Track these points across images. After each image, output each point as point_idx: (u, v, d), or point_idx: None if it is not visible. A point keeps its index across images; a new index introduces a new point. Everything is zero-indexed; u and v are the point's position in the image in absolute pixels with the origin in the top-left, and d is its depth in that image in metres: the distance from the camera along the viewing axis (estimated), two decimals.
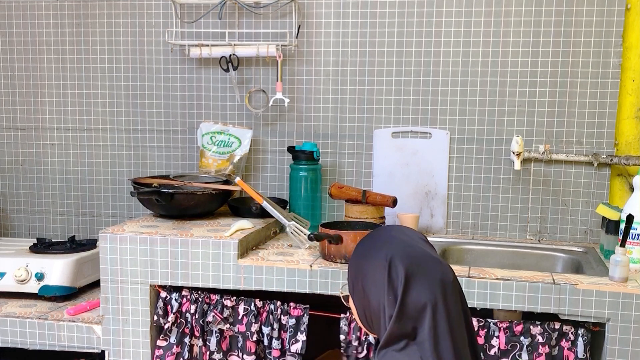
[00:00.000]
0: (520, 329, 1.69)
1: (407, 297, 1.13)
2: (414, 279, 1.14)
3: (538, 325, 1.69)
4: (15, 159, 2.66)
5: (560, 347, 1.70)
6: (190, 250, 1.87)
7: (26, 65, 2.59)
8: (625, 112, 2.11)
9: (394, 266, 1.15)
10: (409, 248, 1.20)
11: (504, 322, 1.71)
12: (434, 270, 1.16)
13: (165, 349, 1.90)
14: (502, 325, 1.70)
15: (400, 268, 1.14)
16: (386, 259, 1.16)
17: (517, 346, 1.69)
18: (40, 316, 2.02)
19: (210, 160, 2.41)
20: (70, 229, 2.63)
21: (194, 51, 2.37)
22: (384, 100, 2.32)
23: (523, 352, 1.68)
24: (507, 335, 1.70)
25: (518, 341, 1.69)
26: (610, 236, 1.98)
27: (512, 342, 1.70)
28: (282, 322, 1.82)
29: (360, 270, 1.22)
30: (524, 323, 1.70)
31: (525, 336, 1.69)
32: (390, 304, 1.14)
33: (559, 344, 1.70)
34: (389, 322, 1.14)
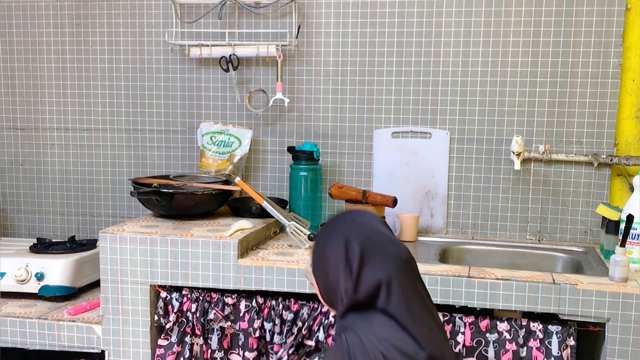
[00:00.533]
0: (486, 324, 1.69)
1: (362, 273, 1.23)
2: (368, 257, 1.24)
3: (505, 321, 1.69)
4: (15, 159, 2.66)
5: (528, 347, 1.70)
6: (190, 250, 1.87)
7: (26, 65, 2.59)
8: (625, 112, 2.11)
9: (351, 245, 1.25)
10: (366, 229, 1.30)
11: (469, 317, 1.71)
12: (389, 250, 1.27)
13: (166, 348, 1.90)
14: (467, 321, 1.70)
15: (356, 247, 1.24)
16: (344, 239, 1.27)
17: (482, 342, 1.69)
18: (40, 316, 2.02)
19: (210, 160, 2.41)
20: (70, 229, 2.63)
21: (194, 51, 2.37)
22: (384, 100, 2.32)
23: (489, 349, 1.69)
24: (473, 331, 1.70)
25: (484, 337, 1.69)
26: (610, 236, 1.98)
27: (477, 338, 1.70)
28: (283, 317, 1.83)
29: (322, 249, 1.32)
30: (490, 319, 1.70)
31: (492, 332, 1.69)
32: (346, 279, 1.24)
33: (527, 343, 1.70)
34: (346, 296, 1.24)
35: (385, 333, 1.23)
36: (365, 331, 1.24)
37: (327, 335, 1.78)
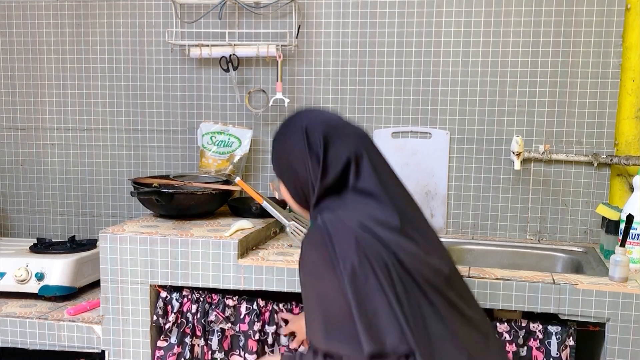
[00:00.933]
0: None
1: (328, 155, 1.28)
2: (331, 139, 1.29)
3: (504, 322, 1.69)
4: (15, 159, 2.66)
5: (528, 347, 1.70)
6: (190, 250, 1.87)
7: (26, 65, 2.59)
8: (625, 112, 2.11)
9: (312, 132, 1.29)
10: (319, 116, 1.35)
11: None
12: (349, 129, 1.33)
13: (166, 350, 1.90)
14: None
15: (318, 132, 1.29)
16: (302, 129, 1.30)
17: None
18: (40, 316, 2.02)
19: (210, 160, 2.41)
20: (70, 229, 2.63)
21: (194, 51, 2.37)
22: (384, 100, 2.32)
23: None
24: None
25: None
26: (610, 236, 1.98)
27: None
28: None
29: (283, 149, 1.36)
30: (490, 320, 1.69)
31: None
32: (314, 167, 1.28)
33: (527, 343, 1.70)
34: (317, 184, 1.29)
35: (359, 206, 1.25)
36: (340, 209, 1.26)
37: None
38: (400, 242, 1.23)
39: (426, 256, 1.26)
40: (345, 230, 1.23)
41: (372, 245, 1.21)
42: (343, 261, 1.21)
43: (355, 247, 1.21)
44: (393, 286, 1.20)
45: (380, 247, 1.22)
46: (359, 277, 1.20)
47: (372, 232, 1.22)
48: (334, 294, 1.23)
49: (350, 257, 1.21)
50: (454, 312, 1.26)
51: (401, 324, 1.18)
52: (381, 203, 1.26)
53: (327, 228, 1.24)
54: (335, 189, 1.29)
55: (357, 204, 1.26)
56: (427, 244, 1.29)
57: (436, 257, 1.29)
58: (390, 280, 1.20)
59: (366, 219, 1.23)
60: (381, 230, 1.23)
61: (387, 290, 1.19)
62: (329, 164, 1.28)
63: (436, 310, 1.23)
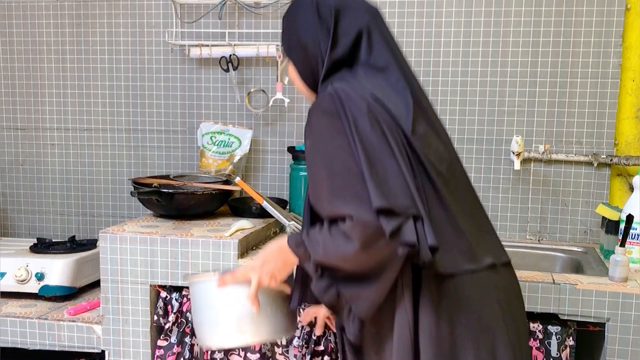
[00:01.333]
0: None
1: (339, 25, 1.25)
2: (343, 11, 1.26)
3: None
4: (15, 159, 2.66)
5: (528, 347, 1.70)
6: (190, 250, 1.87)
7: (26, 65, 2.59)
8: (625, 112, 2.11)
9: (322, 5, 1.26)
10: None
11: None
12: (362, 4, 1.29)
13: (165, 349, 1.90)
14: None
15: (329, 5, 1.26)
16: (313, 3, 1.27)
17: None
18: (40, 316, 2.02)
19: (210, 160, 2.41)
20: (71, 229, 2.63)
21: (194, 51, 2.37)
22: None
23: None
24: None
25: None
26: (610, 236, 1.98)
27: None
28: None
29: (293, 24, 1.32)
30: None
31: None
32: (324, 38, 1.25)
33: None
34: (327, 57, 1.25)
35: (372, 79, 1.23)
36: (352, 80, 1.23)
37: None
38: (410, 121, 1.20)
39: (434, 139, 1.24)
40: (357, 97, 1.19)
41: (384, 115, 1.19)
42: (354, 123, 1.17)
43: (367, 112, 1.18)
44: (403, 156, 1.17)
45: (390, 120, 1.19)
46: (370, 138, 1.16)
47: (384, 106, 1.20)
48: (342, 155, 1.17)
49: (362, 121, 1.17)
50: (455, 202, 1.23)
51: (411, 190, 1.15)
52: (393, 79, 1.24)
53: (339, 94, 1.20)
54: (347, 63, 1.26)
55: (369, 78, 1.23)
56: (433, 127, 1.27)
57: (441, 143, 1.27)
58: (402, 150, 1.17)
59: (378, 92, 1.21)
60: (393, 105, 1.21)
61: (398, 157, 1.16)
62: (339, 34, 1.25)
63: (440, 197, 1.21)
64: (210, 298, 1.35)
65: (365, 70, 1.25)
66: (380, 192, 1.11)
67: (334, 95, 1.21)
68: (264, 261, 1.31)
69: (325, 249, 1.18)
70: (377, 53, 1.26)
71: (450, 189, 1.24)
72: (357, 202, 1.13)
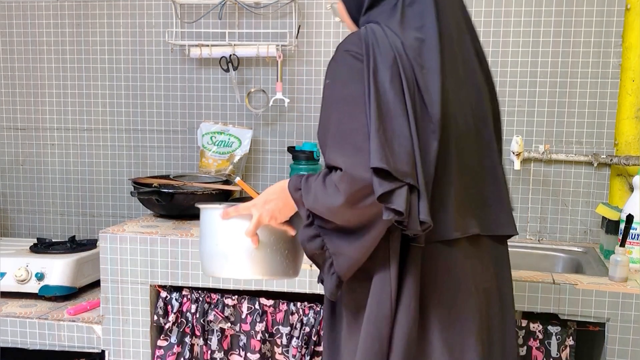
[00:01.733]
0: None
1: None
2: None
3: None
4: (15, 159, 2.66)
5: (528, 347, 1.70)
6: (190, 250, 1.87)
7: (26, 65, 2.59)
8: (625, 112, 2.11)
9: None
10: None
11: None
12: None
13: (166, 349, 1.91)
14: None
15: None
16: None
17: None
18: (40, 316, 2.02)
19: (210, 160, 2.41)
20: (71, 229, 2.63)
21: (194, 51, 2.37)
22: None
23: None
24: None
25: None
26: (610, 236, 1.98)
27: None
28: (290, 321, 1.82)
29: None
30: None
31: None
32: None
33: (527, 342, 1.70)
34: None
35: (409, 25, 1.18)
36: (388, 22, 1.19)
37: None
38: (439, 82, 1.16)
39: (458, 108, 1.20)
40: (386, 44, 1.15)
41: (409, 69, 1.15)
42: (375, 72, 1.13)
43: (391, 64, 1.13)
44: (416, 119, 1.13)
45: (413, 75, 1.15)
46: (387, 93, 1.12)
47: (411, 59, 1.15)
48: (353, 103, 1.14)
49: (383, 72, 1.13)
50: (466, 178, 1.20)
51: (416, 159, 1.11)
52: (429, 32, 1.18)
53: (368, 36, 1.17)
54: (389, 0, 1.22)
55: (407, 22, 1.19)
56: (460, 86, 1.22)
57: (469, 114, 1.22)
58: (416, 111, 1.14)
59: (409, 41, 1.16)
60: (422, 60, 1.16)
61: (411, 119, 1.12)
62: None
63: (449, 172, 1.18)
64: (214, 228, 1.37)
65: (405, 12, 1.20)
66: (382, 153, 1.07)
67: (362, 37, 1.18)
68: (266, 200, 1.29)
69: (315, 197, 1.15)
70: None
71: (450, 153, 1.19)
72: (354, 155, 1.10)
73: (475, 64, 1.27)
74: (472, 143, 1.24)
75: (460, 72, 1.23)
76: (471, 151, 1.24)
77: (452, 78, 1.20)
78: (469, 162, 1.23)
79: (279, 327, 1.82)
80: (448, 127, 1.17)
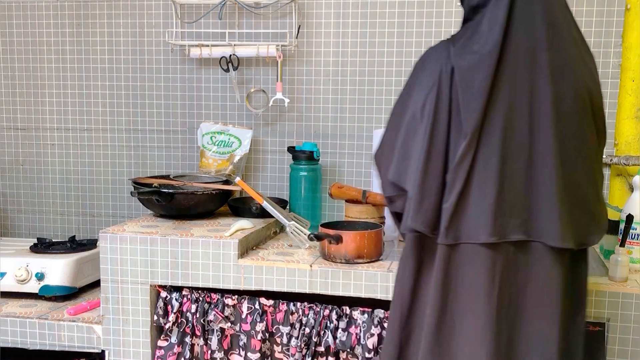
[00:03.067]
0: None
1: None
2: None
3: None
4: (16, 159, 2.66)
5: None
6: (190, 250, 1.87)
7: (26, 65, 2.59)
8: (625, 112, 2.11)
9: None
10: None
11: None
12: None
13: (166, 349, 1.90)
14: None
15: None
16: None
17: None
18: (40, 316, 2.02)
19: (211, 160, 2.41)
20: (71, 229, 2.63)
21: (194, 51, 2.37)
22: (384, 100, 2.32)
23: None
24: None
25: None
26: (610, 236, 1.98)
27: None
28: (290, 320, 1.82)
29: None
30: None
31: None
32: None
33: None
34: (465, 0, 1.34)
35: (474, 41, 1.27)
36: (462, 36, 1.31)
37: (334, 340, 1.77)
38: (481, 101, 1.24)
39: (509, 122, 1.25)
40: (436, 63, 1.30)
41: (446, 91, 1.27)
42: (415, 88, 1.33)
43: (430, 85, 1.29)
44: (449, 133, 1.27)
45: (449, 96, 1.27)
46: (415, 111, 1.30)
47: (460, 80, 1.26)
48: (398, 112, 1.37)
49: (421, 90, 1.31)
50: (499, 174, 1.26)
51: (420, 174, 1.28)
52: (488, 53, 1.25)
53: (429, 51, 1.34)
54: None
55: (472, 41, 1.27)
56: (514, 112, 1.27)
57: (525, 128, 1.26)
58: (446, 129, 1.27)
59: (464, 62, 1.26)
60: (471, 80, 1.25)
61: (425, 139, 1.27)
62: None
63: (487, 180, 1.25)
64: None
65: (475, 29, 1.29)
66: (397, 167, 1.33)
67: (426, 52, 1.37)
68: None
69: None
70: (491, 10, 1.27)
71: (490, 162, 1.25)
72: (385, 164, 1.39)
73: (543, 78, 1.27)
74: (522, 154, 1.27)
75: (516, 90, 1.26)
76: (520, 161, 1.27)
77: (507, 95, 1.25)
78: (515, 171, 1.26)
79: (279, 326, 1.82)
80: (490, 140, 1.25)
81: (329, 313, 1.77)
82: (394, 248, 2.02)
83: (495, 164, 1.24)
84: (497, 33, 1.24)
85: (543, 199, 1.26)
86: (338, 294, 1.78)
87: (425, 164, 1.26)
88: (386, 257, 1.89)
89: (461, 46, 1.28)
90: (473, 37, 1.27)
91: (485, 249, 1.26)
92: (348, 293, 1.77)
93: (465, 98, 1.24)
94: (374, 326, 1.73)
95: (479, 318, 1.27)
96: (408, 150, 1.30)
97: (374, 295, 1.75)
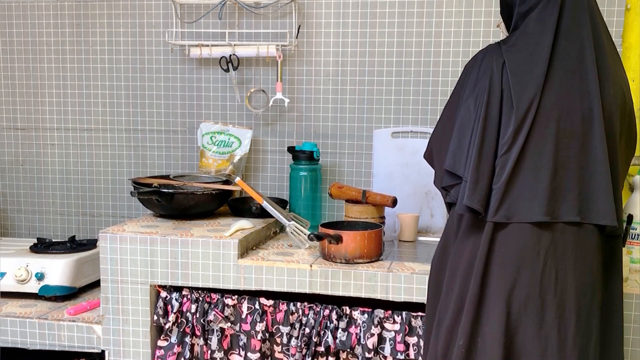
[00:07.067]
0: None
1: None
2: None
3: None
4: (15, 159, 2.66)
5: None
6: (190, 250, 1.87)
7: (26, 65, 2.59)
8: None
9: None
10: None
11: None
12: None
13: (166, 349, 1.90)
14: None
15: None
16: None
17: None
18: (40, 316, 2.02)
19: (211, 160, 2.41)
20: (71, 229, 2.63)
21: (194, 51, 2.37)
22: (383, 100, 2.33)
23: None
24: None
25: None
26: None
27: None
28: (290, 320, 1.82)
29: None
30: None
31: None
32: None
33: None
34: (515, 8, 1.42)
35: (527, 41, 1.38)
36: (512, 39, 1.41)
37: (334, 339, 1.77)
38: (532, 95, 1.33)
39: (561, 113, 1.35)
40: (488, 66, 1.38)
41: (497, 88, 1.36)
42: (467, 88, 1.42)
43: (480, 84, 1.38)
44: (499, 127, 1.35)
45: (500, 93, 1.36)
46: (468, 110, 1.39)
47: (511, 76, 1.35)
48: (450, 108, 1.48)
49: (471, 91, 1.40)
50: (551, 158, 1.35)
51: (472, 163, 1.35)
52: (540, 53, 1.35)
53: (482, 53, 1.43)
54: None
55: (525, 42, 1.37)
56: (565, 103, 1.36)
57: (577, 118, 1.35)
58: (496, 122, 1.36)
59: (515, 61, 1.36)
60: (522, 77, 1.34)
61: (477, 133, 1.35)
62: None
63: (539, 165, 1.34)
64: None
65: (524, 31, 1.38)
66: (452, 157, 1.42)
67: (479, 53, 1.45)
68: None
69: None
70: (541, 14, 1.37)
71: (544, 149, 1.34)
72: (438, 159, 1.51)
73: (591, 75, 1.37)
74: (575, 141, 1.36)
75: (568, 83, 1.36)
76: (573, 149, 1.36)
77: (558, 89, 1.35)
78: (569, 158, 1.36)
79: (279, 326, 1.82)
80: (545, 128, 1.34)
81: (329, 313, 1.77)
82: (394, 248, 2.02)
83: (551, 151, 1.34)
84: (549, 33, 1.35)
85: (597, 185, 1.37)
86: (338, 294, 1.78)
87: (479, 149, 1.35)
88: (386, 257, 1.89)
89: (512, 44, 1.39)
90: (523, 37, 1.38)
91: (536, 228, 1.35)
92: (348, 293, 1.77)
93: (518, 92, 1.33)
94: (373, 326, 1.73)
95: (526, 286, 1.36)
96: (462, 139, 1.40)
97: (373, 295, 1.75)
